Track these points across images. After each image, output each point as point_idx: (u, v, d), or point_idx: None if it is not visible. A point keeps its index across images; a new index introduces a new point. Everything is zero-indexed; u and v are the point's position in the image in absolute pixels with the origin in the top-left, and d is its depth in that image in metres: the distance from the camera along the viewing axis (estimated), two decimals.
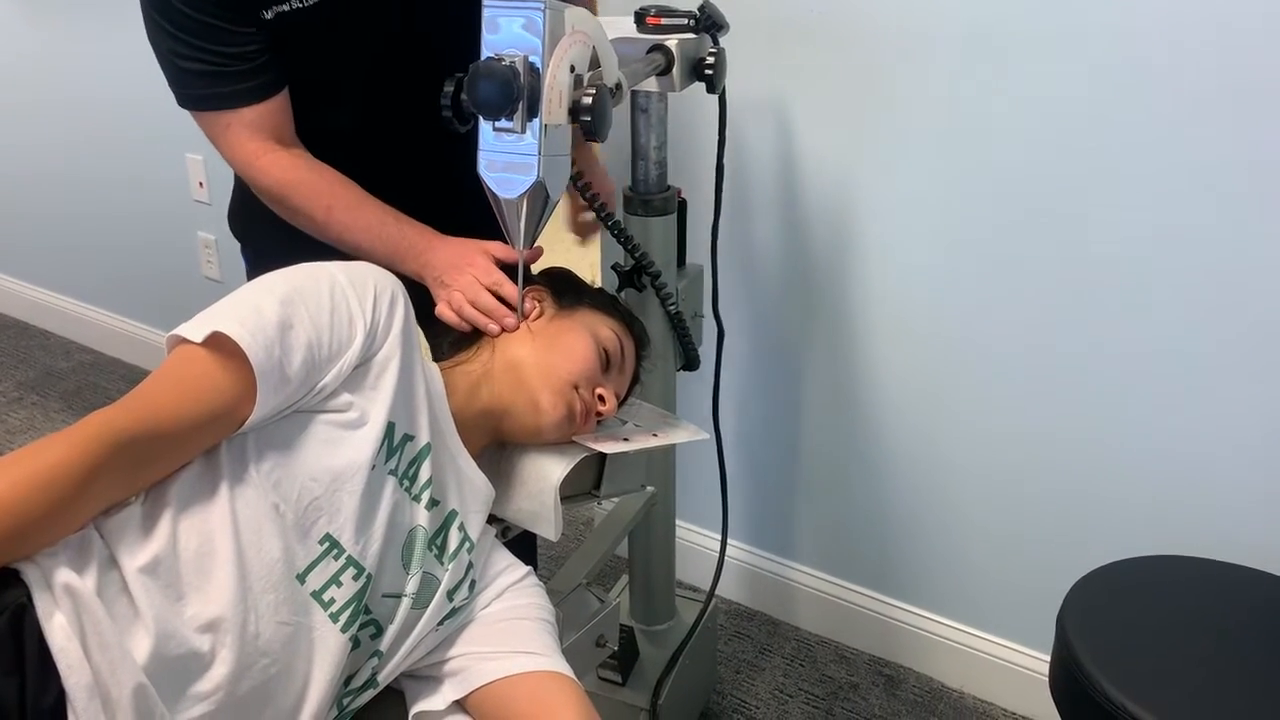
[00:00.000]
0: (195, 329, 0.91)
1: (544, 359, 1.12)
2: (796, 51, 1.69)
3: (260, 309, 0.91)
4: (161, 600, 0.85)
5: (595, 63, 1.10)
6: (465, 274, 1.16)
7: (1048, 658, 1.29)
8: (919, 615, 1.95)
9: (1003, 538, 1.80)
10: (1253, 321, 1.47)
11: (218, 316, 0.91)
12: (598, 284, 1.28)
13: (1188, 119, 1.43)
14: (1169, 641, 1.20)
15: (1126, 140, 1.47)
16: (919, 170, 1.65)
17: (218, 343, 0.90)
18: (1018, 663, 1.86)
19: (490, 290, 1.16)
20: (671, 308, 1.42)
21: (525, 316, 1.16)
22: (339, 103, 1.32)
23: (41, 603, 0.81)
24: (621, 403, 1.21)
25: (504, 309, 1.15)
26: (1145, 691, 1.11)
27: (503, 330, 1.14)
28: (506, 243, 1.16)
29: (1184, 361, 1.54)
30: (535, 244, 1.15)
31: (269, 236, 1.31)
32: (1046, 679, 1.28)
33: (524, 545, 1.60)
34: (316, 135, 1.30)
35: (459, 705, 1.03)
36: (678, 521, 1.74)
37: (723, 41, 1.35)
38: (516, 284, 1.15)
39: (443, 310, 1.16)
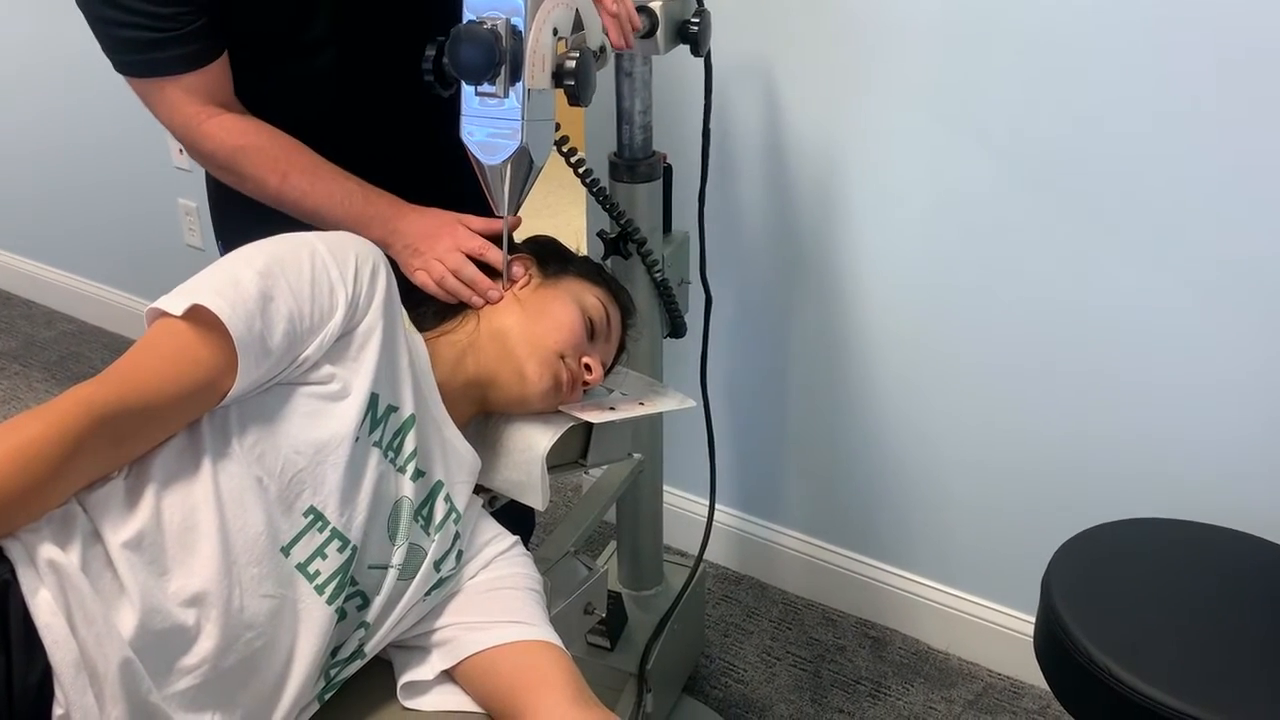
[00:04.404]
0: (175, 302, 0.90)
1: (530, 329, 1.11)
2: (782, 12, 1.67)
3: (240, 281, 0.90)
4: (146, 575, 0.85)
5: (578, 25, 1.09)
6: (443, 241, 1.14)
7: (1032, 619, 1.30)
8: (905, 578, 1.96)
9: (988, 501, 1.81)
10: (1237, 287, 1.47)
11: (197, 289, 0.90)
12: (583, 251, 1.27)
13: (1188, 82, 1.41)
14: (1152, 603, 1.21)
15: (1119, 105, 1.46)
16: (907, 133, 1.64)
17: (198, 316, 0.89)
18: (1003, 624, 1.87)
19: (473, 258, 1.14)
20: (657, 274, 1.41)
21: (512, 283, 1.15)
22: (311, 46, 1.24)
23: (26, 579, 0.81)
24: (608, 371, 1.21)
25: (487, 281, 1.14)
26: (1128, 653, 1.12)
27: (486, 303, 1.13)
28: (489, 211, 1.15)
29: (1165, 324, 1.54)
30: (519, 211, 1.13)
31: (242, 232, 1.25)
32: (1031, 640, 1.29)
33: (520, 515, 1.60)
34: (294, 85, 1.24)
35: (447, 675, 1.03)
36: (665, 487, 1.74)
37: (707, 3, 1.33)
38: (501, 252, 1.14)
39: (423, 280, 1.14)
